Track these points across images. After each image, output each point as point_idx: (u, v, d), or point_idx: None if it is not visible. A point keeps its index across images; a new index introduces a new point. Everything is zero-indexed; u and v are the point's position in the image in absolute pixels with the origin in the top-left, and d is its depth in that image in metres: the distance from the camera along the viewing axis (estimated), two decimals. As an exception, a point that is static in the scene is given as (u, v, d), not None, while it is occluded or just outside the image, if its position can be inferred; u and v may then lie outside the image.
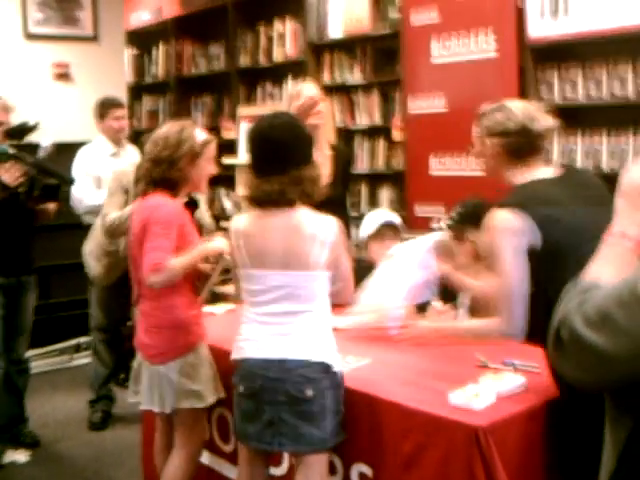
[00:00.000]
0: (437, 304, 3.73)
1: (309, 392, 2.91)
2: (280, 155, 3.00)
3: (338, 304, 3.27)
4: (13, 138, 4.71)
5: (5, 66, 7.58)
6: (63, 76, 8.11)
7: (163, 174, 3.55)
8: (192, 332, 3.55)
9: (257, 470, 3.14)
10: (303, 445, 2.95)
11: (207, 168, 3.72)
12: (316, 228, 2.99)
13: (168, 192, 3.55)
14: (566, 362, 1.64)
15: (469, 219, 3.90)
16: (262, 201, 3.03)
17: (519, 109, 3.28)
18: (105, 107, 5.99)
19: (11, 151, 4.63)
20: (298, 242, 2.96)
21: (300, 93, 4.71)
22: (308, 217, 3.02)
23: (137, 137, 6.43)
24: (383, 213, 4.57)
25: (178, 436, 3.59)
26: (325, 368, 2.96)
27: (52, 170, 4.93)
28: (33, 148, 4.98)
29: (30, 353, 5.56)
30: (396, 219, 4.47)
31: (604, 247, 1.74)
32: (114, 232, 4.91)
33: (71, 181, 5.15)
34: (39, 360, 6.66)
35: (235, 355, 3.10)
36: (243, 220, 3.11)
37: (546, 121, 3.26)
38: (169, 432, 3.65)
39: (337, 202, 4.81)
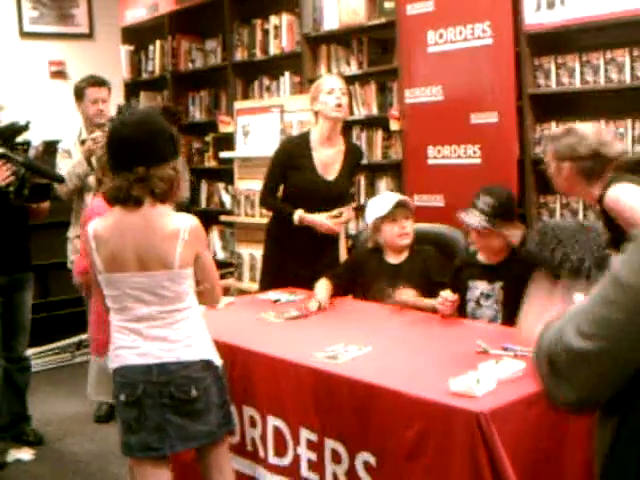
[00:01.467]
0: (447, 293, 3.71)
1: (194, 392, 2.94)
2: (127, 152, 2.93)
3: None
4: (3, 138, 4.68)
5: (1, 65, 7.56)
6: (59, 74, 8.10)
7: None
8: None
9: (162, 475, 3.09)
10: (192, 442, 3.00)
11: None
12: (171, 225, 2.93)
13: None
14: (567, 385, 1.56)
15: (503, 213, 3.80)
16: (112, 198, 2.96)
17: (590, 133, 3.35)
18: (82, 86, 5.48)
19: (0, 150, 4.62)
20: (154, 240, 2.90)
21: (332, 87, 4.73)
22: (163, 215, 2.95)
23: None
24: (392, 194, 4.52)
25: None
26: (206, 365, 2.99)
27: (42, 169, 4.92)
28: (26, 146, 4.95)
29: (31, 352, 5.56)
30: (406, 198, 4.42)
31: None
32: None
33: (61, 179, 5.10)
34: (40, 358, 6.66)
35: (112, 364, 3.03)
36: (96, 223, 3.02)
37: (617, 146, 3.34)
38: None
39: (339, 198, 4.85)
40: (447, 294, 3.70)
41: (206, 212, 7.49)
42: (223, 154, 6.97)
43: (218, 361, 3.05)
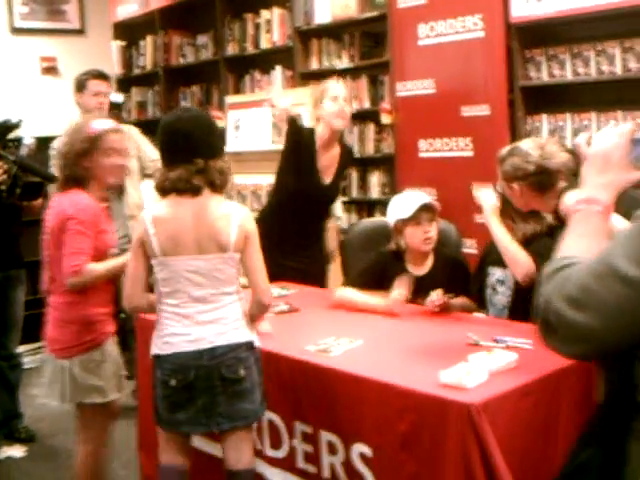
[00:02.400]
0: (434, 295, 3.71)
1: (242, 372, 3.05)
2: (185, 145, 3.05)
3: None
4: None
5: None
6: (51, 70, 8.08)
7: (69, 171, 3.57)
8: (99, 329, 3.58)
9: (184, 447, 3.22)
10: (240, 420, 3.07)
11: (108, 161, 3.63)
12: (226, 209, 3.06)
13: (82, 189, 3.56)
14: (559, 342, 1.61)
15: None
16: (168, 189, 3.07)
17: (534, 149, 3.37)
18: (84, 78, 5.38)
19: None
20: (210, 224, 3.02)
21: (337, 94, 4.70)
22: (218, 201, 3.09)
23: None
24: (416, 195, 4.22)
25: (80, 432, 3.67)
26: (249, 346, 3.09)
27: (34, 167, 4.91)
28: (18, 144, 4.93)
29: (22, 348, 5.54)
30: (432, 200, 4.17)
31: (574, 219, 1.75)
32: None
33: (53, 178, 5.08)
34: (32, 355, 6.64)
35: (160, 351, 3.09)
36: (154, 209, 3.12)
37: (560, 157, 3.35)
38: None
39: (333, 200, 4.95)
40: (434, 295, 3.70)
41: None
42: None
43: (257, 342, 3.13)
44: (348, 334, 3.37)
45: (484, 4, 5.02)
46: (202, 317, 3.05)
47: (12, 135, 4.86)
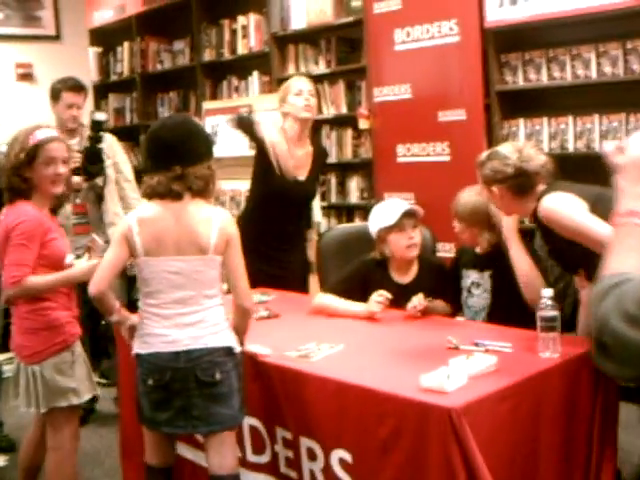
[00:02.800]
0: (415, 299, 3.73)
1: (217, 375, 3.08)
2: (164, 152, 3.13)
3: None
4: None
5: (-33, 68, 7.53)
6: (26, 76, 8.04)
7: (9, 183, 3.54)
8: (67, 331, 3.58)
9: (167, 448, 3.29)
10: (216, 425, 3.11)
11: (47, 170, 3.56)
12: (206, 213, 3.12)
13: (27, 200, 3.54)
14: (618, 365, 1.51)
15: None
16: (150, 195, 3.14)
17: (512, 152, 3.39)
18: (59, 88, 5.25)
19: None
20: (191, 226, 3.08)
21: (301, 88, 4.72)
22: (199, 205, 3.14)
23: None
24: (397, 202, 4.19)
25: (50, 438, 3.65)
26: (228, 351, 3.12)
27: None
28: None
29: (1, 357, 5.51)
30: (415, 206, 4.13)
31: (616, 232, 1.64)
32: None
33: None
34: (11, 364, 6.60)
35: (140, 350, 3.15)
36: (138, 211, 3.19)
37: (539, 160, 3.38)
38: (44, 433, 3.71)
39: (309, 198, 4.90)
40: (415, 300, 3.72)
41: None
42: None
43: (237, 348, 3.16)
44: (329, 340, 3.37)
45: (459, 9, 5.05)
46: (181, 319, 3.09)
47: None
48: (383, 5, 5.50)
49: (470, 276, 3.88)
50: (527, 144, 3.62)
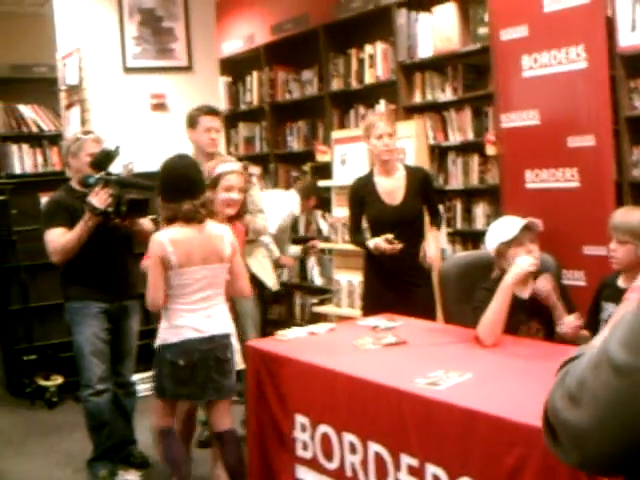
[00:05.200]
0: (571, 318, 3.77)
1: (228, 354, 4.13)
2: (190, 185, 4.06)
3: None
4: (98, 169, 4.83)
5: (107, 99, 7.80)
6: (160, 106, 8.31)
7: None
8: None
9: (174, 410, 4.27)
10: (224, 394, 4.15)
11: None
12: (221, 231, 4.11)
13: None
14: (560, 449, 1.36)
15: None
16: (172, 219, 4.03)
17: None
18: (196, 114, 5.47)
19: (98, 176, 4.78)
20: (212, 242, 4.06)
21: (381, 133, 5.13)
22: (215, 226, 4.14)
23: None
24: (514, 218, 4.19)
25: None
26: (229, 335, 4.17)
27: (133, 181, 5.10)
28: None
29: (137, 377, 5.71)
30: (535, 221, 4.15)
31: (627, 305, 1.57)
32: None
33: (153, 187, 5.05)
34: (146, 383, 6.81)
35: (174, 339, 4.03)
36: (168, 233, 4.02)
37: None
38: None
39: (412, 220, 5.22)
40: (571, 319, 3.74)
41: (304, 239, 7.59)
42: (321, 183, 7.06)
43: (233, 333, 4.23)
44: (457, 368, 3.39)
45: (587, 34, 5.00)
46: (204, 313, 4.07)
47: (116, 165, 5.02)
48: (510, 32, 5.49)
49: (608, 308, 3.83)
50: None
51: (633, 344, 1.25)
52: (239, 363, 4.32)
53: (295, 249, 7.10)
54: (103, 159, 4.87)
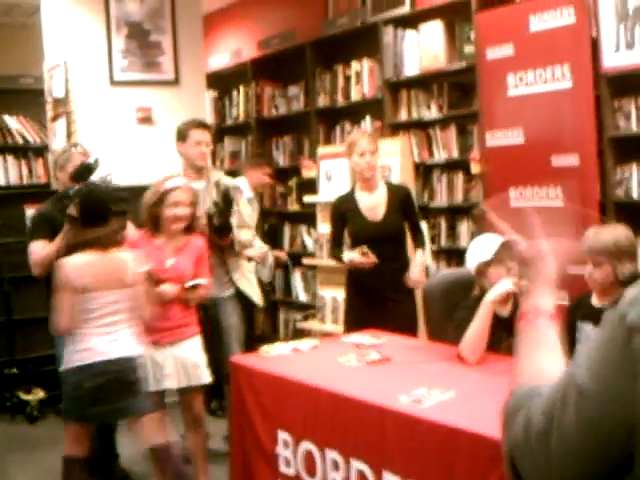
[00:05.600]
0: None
1: (135, 376, 4.16)
2: (105, 212, 4.23)
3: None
4: (78, 180, 4.82)
5: (93, 112, 7.79)
6: (146, 119, 8.30)
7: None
8: None
9: (86, 439, 4.25)
10: (133, 413, 4.21)
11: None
12: (125, 257, 4.21)
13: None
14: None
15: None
16: (84, 245, 4.13)
17: None
18: (186, 127, 5.44)
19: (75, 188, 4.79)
20: (121, 268, 4.15)
21: (363, 150, 5.17)
22: (122, 252, 4.23)
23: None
24: (493, 236, 4.07)
25: None
26: (137, 357, 4.19)
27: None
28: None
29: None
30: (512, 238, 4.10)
31: (525, 333, 1.58)
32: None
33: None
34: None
35: (80, 362, 4.06)
36: (76, 259, 4.10)
37: None
38: None
39: (393, 236, 5.27)
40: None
41: (289, 255, 7.60)
42: (307, 198, 7.08)
43: (142, 354, 4.26)
44: (439, 385, 3.39)
45: (572, 54, 5.05)
46: (112, 337, 4.11)
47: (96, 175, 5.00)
48: (496, 51, 5.53)
49: (584, 328, 3.84)
50: None
51: (599, 370, 1.26)
52: (206, 376, 4.63)
53: (261, 244, 7.06)
54: (83, 171, 4.86)
